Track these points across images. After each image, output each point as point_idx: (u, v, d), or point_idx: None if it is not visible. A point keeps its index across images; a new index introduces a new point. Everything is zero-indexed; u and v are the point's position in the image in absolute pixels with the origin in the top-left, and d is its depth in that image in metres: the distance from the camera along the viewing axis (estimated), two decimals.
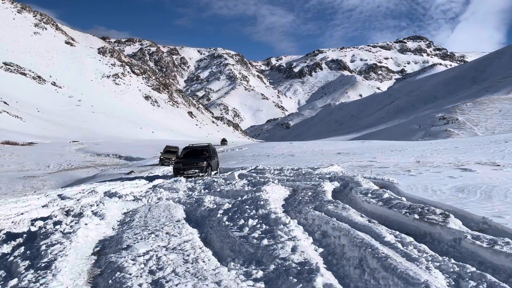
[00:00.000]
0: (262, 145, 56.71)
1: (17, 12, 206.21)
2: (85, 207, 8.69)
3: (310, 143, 52.29)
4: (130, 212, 8.93)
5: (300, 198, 9.05)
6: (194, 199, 10.31)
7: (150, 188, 14.18)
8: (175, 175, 17.20)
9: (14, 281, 3.92)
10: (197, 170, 16.92)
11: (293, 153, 31.56)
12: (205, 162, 17.26)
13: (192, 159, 17.80)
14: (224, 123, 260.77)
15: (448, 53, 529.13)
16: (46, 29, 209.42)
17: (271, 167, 17.80)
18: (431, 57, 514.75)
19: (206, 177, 16.50)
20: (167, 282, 3.58)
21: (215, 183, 13.27)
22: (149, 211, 8.68)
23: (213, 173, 18.30)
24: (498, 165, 13.28)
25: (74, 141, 69.32)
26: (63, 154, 45.01)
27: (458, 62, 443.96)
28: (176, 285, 3.47)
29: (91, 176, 27.45)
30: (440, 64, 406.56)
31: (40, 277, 3.86)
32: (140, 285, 3.53)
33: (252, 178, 13.80)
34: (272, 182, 11.57)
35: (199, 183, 14.31)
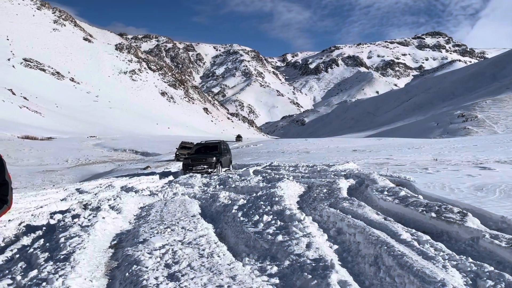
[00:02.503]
0: (277, 141, 56.68)
1: (37, 8, 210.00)
2: (102, 201, 8.85)
3: (325, 140, 52.04)
4: (146, 207, 9.06)
5: (315, 195, 9.02)
6: (209, 194, 10.38)
7: (166, 183, 14.34)
8: (184, 171, 17.21)
9: (34, 272, 4.02)
10: (205, 166, 16.88)
11: (308, 150, 31.44)
12: (214, 158, 17.19)
13: (201, 155, 17.77)
14: (239, 120, 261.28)
15: (468, 49, 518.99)
16: (65, 25, 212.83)
17: (286, 164, 17.75)
18: (450, 53, 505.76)
19: (215, 173, 16.42)
20: (182, 275, 3.61)
21: (230, 179, 13.32)
22: (165, 206, 8.78)
23: (223, 169, 18.21)
24: None
25: (92, 136, 70.39)
26: (81, 149, 45.79)
27: (478, 58, 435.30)
28: (192, 279, 3.51)
29: (108, 170, 27.84)
30: (459, 60, 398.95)
31: (59, 269, 3.94)
32: (156, 278, 3.58)
33: (267, 174, 13.81)
34: (287, 178, 11.55)
35: (214, 178, 14.39)
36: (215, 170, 16.90)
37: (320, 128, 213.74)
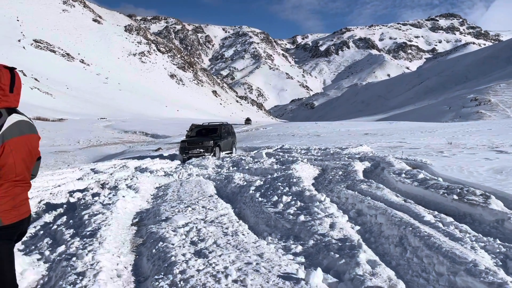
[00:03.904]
0: (286, 124, 56.51)
1: None
2: (119, 180, 8.92)
3: (335, 123, 51.75)
4: (163, 187, 9.13)
5: (331, 177, 8.98)
6: (223, 175, 10.41)
7: (179, 165, 14.43)
8: (180, 154, 16.53)
9: (62, 248, 4.07)
10: (202, 150, 16.10)
11: (319, 133, 31.28)
12: (211, 142, 16.43)
13: (199, 138, 17.07)
14: (248, 103, 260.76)
15: (482, 32, 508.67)
16: (74, 6, 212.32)
17: (297, 147, 17.68)
18: (464, 35, 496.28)
19: (212, 158, 15.56)
20: (210, 252, 3.62)
21: (243, 161, 13.35)
22: (181, 186, 8.84)
23: (223, 153, 17.45)
24: None
25: (102, 118, 70.92)
26: (92, 131, 46.17)
27: (492, 41, 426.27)
28: (220, 255, 3.51)
29: (120, 152, 28.05)
30: (474, 43, 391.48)
31: (87, 245, 3.98)
32: (184, 254, 3.59)
33: (280, 157, 13.78)
34: (301, 161, 11.50)
35: (226, 160, 14.45)
36: (211, 154, 16.06)
37: (330, 112, 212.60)
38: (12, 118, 2.29)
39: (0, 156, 2.20)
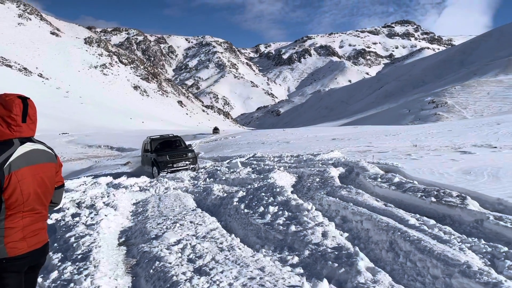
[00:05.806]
0: (255, 132, 56.63)
1: (0, 3, 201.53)
2: (95, 198, 8.66)
3: (302, 129, 52.38)
4: (141, 203, 8.93)
5: (309, 184, 9.09)
6: (201, 188, 10.32)
7: (153, 179, 14.15)
8: (161, 169, 15.12)
9: (54, 274, 3.89)
10: (187, 163, 15.51)
11: (288, 140, 31.52)
12: (193, 153, 16.13)
13: (178, 151, 16.16)
14: (215, 112, 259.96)
15: (436, 37, 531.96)
16: (30, 19, 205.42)
17: (269, 155, 17.75)
18: (419, 41, 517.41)
19: (193, 169, 15.23)
20: (210, 270, 3.57)
21: (218, 171, 13.26)
22: (160, 200, 8.69)
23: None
24: (495, 147, 13.46)
25: (64, 133, 68.67)
26: (54, 146, 43.94)
27: (445, 45, 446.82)
28: (221, 272, 3.48)
29: (86, 168, 27.16)
30: (428, 48, 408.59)
31: (82, 269, 3.84)
32: (184, 273, 3.52)
33: (255, 165, 13.81)
34: (278, 169, 11.57)
35: (201, 171, 14.31)
36: (195, 166, 15.67)
37: (295, 118, 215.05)
38: (23, 148, 2.26)
39: (6, 187, 2.15)
